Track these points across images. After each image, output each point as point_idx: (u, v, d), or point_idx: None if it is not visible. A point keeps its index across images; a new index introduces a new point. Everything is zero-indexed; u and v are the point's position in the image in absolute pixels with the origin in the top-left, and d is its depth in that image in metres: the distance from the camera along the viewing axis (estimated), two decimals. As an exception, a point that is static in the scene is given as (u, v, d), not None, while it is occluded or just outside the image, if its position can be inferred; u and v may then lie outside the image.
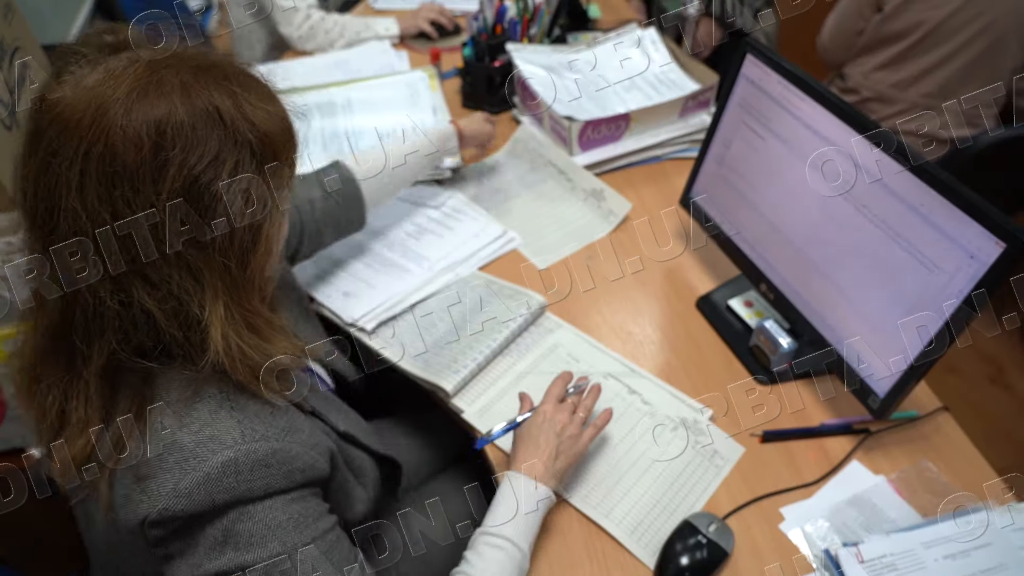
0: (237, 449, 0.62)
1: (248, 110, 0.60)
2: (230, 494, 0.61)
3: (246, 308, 0.63)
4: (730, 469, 0.96)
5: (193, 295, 0.59)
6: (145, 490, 0.61)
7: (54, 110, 0.55)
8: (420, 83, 1.64)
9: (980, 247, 0.79)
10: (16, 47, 1.22)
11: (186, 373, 0.64)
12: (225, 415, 0.63)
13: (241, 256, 0.61)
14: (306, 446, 0.68)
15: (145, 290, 0.58)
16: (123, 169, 0.54)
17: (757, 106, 1.09)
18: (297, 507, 0.66)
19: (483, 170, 1.48)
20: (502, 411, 1.03)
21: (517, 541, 0.80)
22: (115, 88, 0.55)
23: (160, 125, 0.55)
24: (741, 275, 1.18)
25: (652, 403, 1.04)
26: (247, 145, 0.59)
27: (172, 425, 0.62)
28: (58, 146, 0.55)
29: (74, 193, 0.55)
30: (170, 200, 0.56)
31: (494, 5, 1.64)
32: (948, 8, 1.75)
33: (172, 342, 0.61)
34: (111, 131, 0.54)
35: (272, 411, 0.66)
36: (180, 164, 0.56)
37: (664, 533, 0.88)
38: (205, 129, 0.57)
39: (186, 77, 0.58)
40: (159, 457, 0.61)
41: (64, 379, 0.63)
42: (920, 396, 1.05)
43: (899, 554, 0.85)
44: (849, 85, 2.00)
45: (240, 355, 0.62)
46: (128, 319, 0.59)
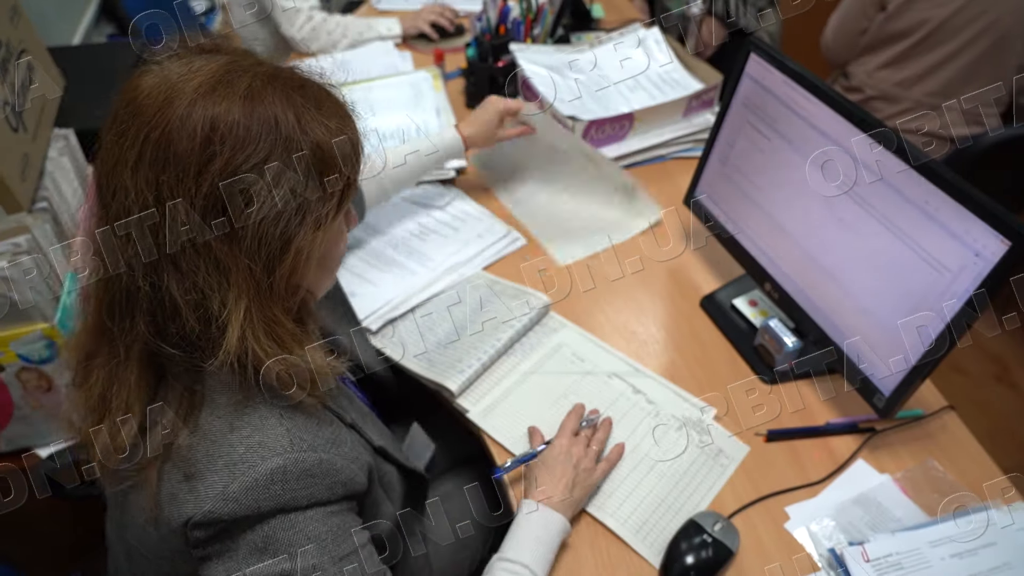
0: (286, 457, 0.62)
1: (308, 123, 0.61)
2: (275, 501, 0.62)
3: (268, 315, 0.63)
4: (735, 468, 0.96)
5: (216, 290, 0.60)
6: (192, 490, 0.62)
7: (132, 93, 0.59)
8: (424, 83, 1.65)
9: (985, 245, 0.79)
10: (22, 49, 1.23)
11: (233, 377, 0.64)
12: (275, 423, 0.64)
13: (267, 262, 0.61)
14: (348, 459, 0.68)
15: (174, 277, 0.59)
16: (173, 156, 0.57)
17: (761, 105, 1.09)
18: (336, 520, 0.66)
19: (496, 155, 1.42)
20: (507, 410, 1.03)
21: (535, 569, 0.81)
22: (188, 82, 0.58)
23: (215, 121, 0.57)
24: (746, 274, 1.18)
25: (657, 402, 1.04)
26: (298, 156, 0.60)
27: (223, 428, 0.63)
28: (127, 127, 0.58)
29: (128, 171, 0.58)
30: (208, 196, 0.58)
31: (498, 5, 1.64)
32: (951, 7, 1.75)
33: (192, 333, 0.61)
34: (172, 119, 0.57)
35: (319, 423, 0.67)
36: (227, 160, 0.57)
37: (669, 532, 0.88)
38: (258, 133, 0.59)
39: (255, 82, 0.60)
40: (208, 459, 0.62)
41: (109, 363, 0.64)
42: (925, 395, 1.04)
43: (905, 553, 0.85)
44: (853, 84, 1.99)
45: (254, 362, 0.62)
46: (157, 302, 0.60)
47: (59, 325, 1.08)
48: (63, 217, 1.21)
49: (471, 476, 1.15)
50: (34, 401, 1.15)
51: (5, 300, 1.03)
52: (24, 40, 1.24)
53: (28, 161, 1.15)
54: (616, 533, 0.89)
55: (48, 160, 1.24)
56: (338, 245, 0.73)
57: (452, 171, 1.45)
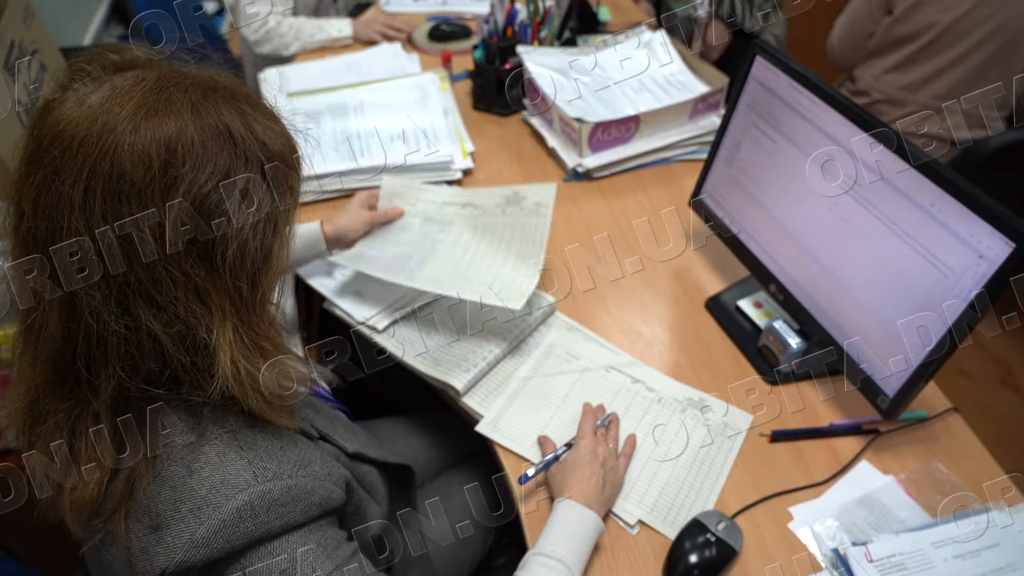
0: (251, 492, 0.60)
1: (257, 129, 0.60)
2: (248, 537, 0.60)
3: (255, 331, 0.61)
4: (733, 465, 0.97)
5: (200, 318, 0.57)
6: (160, 541, 0.59)
7: (56, 127, 0.54)
8: (431, 85, 1.66)
9: (989, 247, 0.80)
10: (35, 49, 1.24)
11: (187, 416, 0.61)
12: (234, 456, 0.61)
13: (253, 276, 0.59)
14: (319, 478, 0.66)
15: (151, 313, 0.56)
16: (131, 187, 0.53)
17: (767, 108, 1.09)
18: (316, 536, 0.65)
19: (370, 251, 1.25)
20: (513, 418, 1.04)
21: (571, 565, 0.81)
22: (122, 106, 0.54)
23: (170, 143, 0.54)
24: (750, 276, 1.19)
25: (657, 389, 1.07)
26: (257, 163, 0.59)
27: (181, 473, 0.60)
28: (61, 164, 0.54)
29: (77, 212, 0.53)
30: (177, 221, 0.54)
31: (505, 8, 1.65)
32: (959, 10, 1.75)
33: (179, 367, 0.58)
34: (118, 148, 0.53)
35: (282, 446, 0.65)
36: (191, 182, 0.55)
37: (674, 530, 0.89)
38: (215, 147, 0.56)
39: (195, 96, 0.57)
40: (172, 507, 0.59)
41: (71, 414, 0.60)
42: (930, 397, 1.05)
43: (908, 554, 0.85)
44: (859, 87, 2.00)
45: (250, 380, 0.60)
46: (135, 344, 0.57)
47: (69, 322, 1.09)
48: (73, 215, 1.22)
49: (471, 475, 1.15)
50: (44, 397, 1.17)
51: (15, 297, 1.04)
52: (36, 40, 1.26)
53: (40, 160, 1.17)
54: (644, 521, 0.91)
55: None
56: (290, 245, 0.69)
57: (458, 172, 1.46)
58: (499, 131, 1.62)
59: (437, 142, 1.50)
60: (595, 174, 1.47)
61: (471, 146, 1.53)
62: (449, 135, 1.52)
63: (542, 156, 1.55)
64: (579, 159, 1.46)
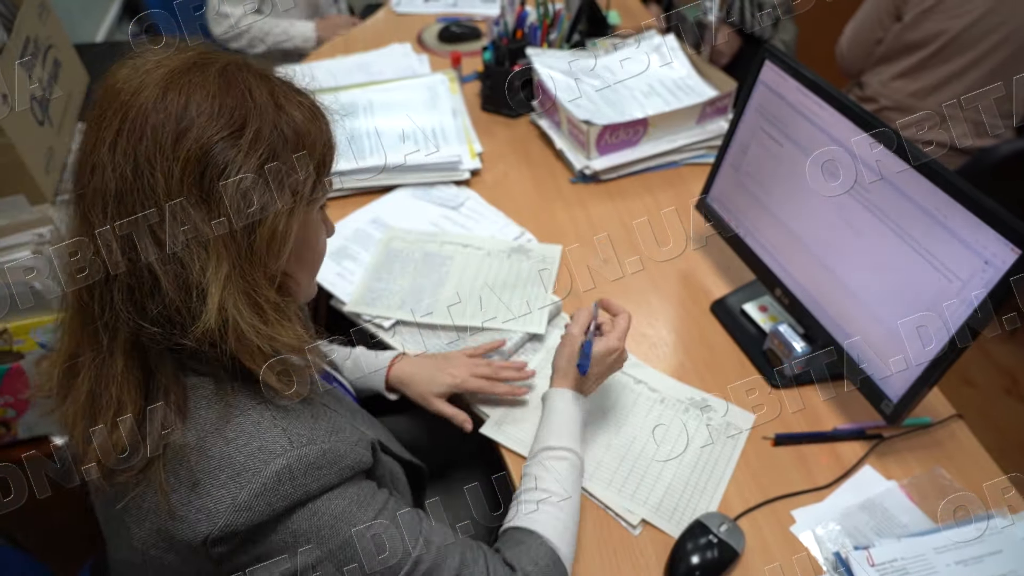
0: (289, 456, 0.63)
1: (281, 100, 0.63)
2: (288, 500, 0.63)
3: (250, 283, 0.62)
4: (736, 468, 0.97)
5: (196, 258, 0.59)
6: (202, 508, 0.61)
7: (109, 82, 0.61)
8: (441, 86, 1.67)
9: (995, 253, 0.80)
10: (49, 45, 1.26)
11: (215, 387, 0.64)
12: (268, 424, 0.64)
13: (247, 226, 0.61)
14: (351, 443, 0.70)
15: (152, 248, 0.59)
16: (150, 129, 0.58)
17: (775, 112, 1.10)
18: (352, 490, 0.68)
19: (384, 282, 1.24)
20: (516, 418, 1.04)
21: (576, 449, 0.89)
22: (162, 67, 0.61)
23: (190, 94, 0.59)
24: (756, 280, 1.19)
25: (659, 389, 1.07)
26: (272, 127, 0.62)
27: (217, 443, 0.62)
28: (104, 111, 0.60)
29: (106, 149, 0.59)
30: (186, 162, 0.58)
31: (515, 10, 1.66)
32: (969, 18, 1.75)
33: (171, 306, 0.60)
34: (147, 97, 0.59)
35: (312, 414, 0.68)
36: (202, 129, 0.59)
37: (678, 530, 0.90)
38: (232, 104, 0.60)
39: (229, 66, 0.63)
40: (211, 475, 0.62)
41: (94, 360, 0.63)
42: (934, 404, 1.05)
43: (910, 559, 0.85)
44: (867, 94, 2.00)
45: (236, 332, 0.61)
46: (136, 278, 0.60)
47: (79, 315, 1.10)
48: (85, 210, 1.24)
49: (472, 475, 1.16)
50: (53, 389, 1.18)
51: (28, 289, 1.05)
52: (51, 36, 1.27)
53: (52, 154, 1.18)
54: (648, 521, 0.91)
55: (71, 154, 1.26)
56: (316, 241, 0.72)
57: (466, 172, 1.46)
58: (507, 132, 1.63)
59: (446, 142, 1.51)
60: (602, 176, 1.48)
61: (479, 147, 1.53)
62: (458, 136, 1.53)
63: (550, 158, 1.55)
64: (587, 161, 1.47)
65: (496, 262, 1.26)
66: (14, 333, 1.08)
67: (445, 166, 1.45)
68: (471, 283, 1.22)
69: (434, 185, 1.46)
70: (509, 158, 1.55)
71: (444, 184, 1.46)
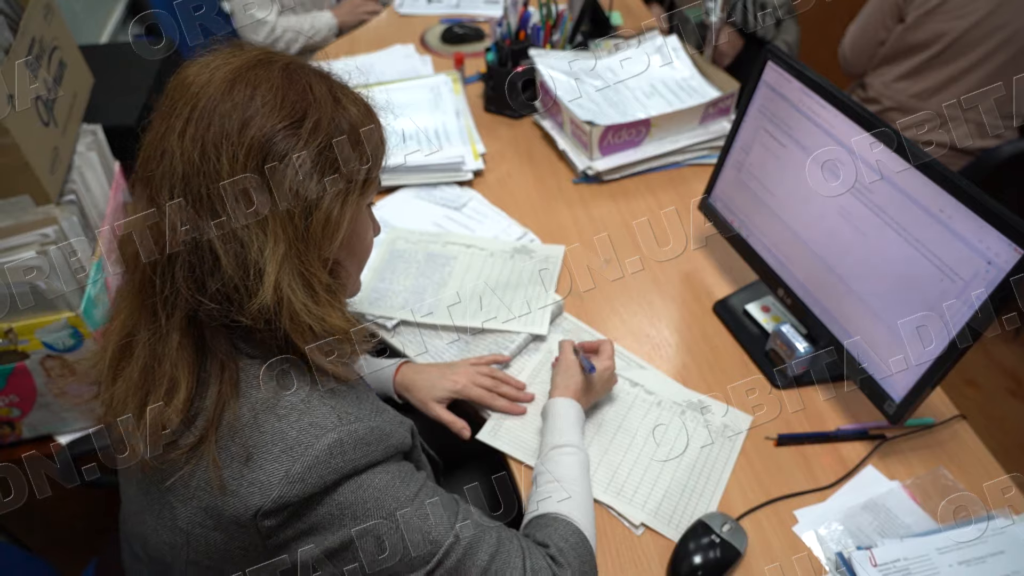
0: (339, 431, 0.66)
1: (340, 97, 0.68)
2: (338, 473, 0.65)
3: (304, 263, 0.65)
4: (739, 468, 0.97)
5: (255, 239, 0.63)
6: (255, 482, 0.63)
7: (180, 76, 0.66)
8: (444, 87, 1.67)
9: (998, 253, 0.80)
10: (55, 46, 1.26)
11: (267, 369, 0.66)
12: (317, 403, 0.67)
13: (304, 209, 0.65)
14: (394, 423, 0.73)
15: (214, 228, 0.62)
16: (217, 117, 0.62)
17: (777, 113, 1.10)
18: (395, 467, 0.71)
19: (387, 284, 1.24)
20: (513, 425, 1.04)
21: (580, 446, 0.92)
22: (229, 64, 0.65)
23: (256, 87, 0.64)
24: (759, 280, 1.19)
25: (655, 392, 1.07)
26: (330, 120, 0.66)
27: (269, 419, 0.65)
28: (175, 101, 0.64)
29: (176, 136, 0.62)
30: (250, 148, 0.62)
31: (518, 11, 1.66)
32: (971, 19, 1.75)
33: (229, 284, 0.63)
34: (216, 89, 0.63)
35: (358, 398, 0.71)
36: (265, 118, 0.63)
37: (696, 514, 0.91)
38: (294, 97, 0.64)
39: (292, 64, 0.67)
40: (263, 449, 0.64)
41: (151, 338, 0.66)
42: (937, 404, 1.05)
43: (913, 559, 0.85)
44: (870, 95, 2.00)
45: (290, 310, 0.64)
46: (197, 256, 0.63)
47: (84, 314, 1.10)
48: (89, 210, 1.24)
49: (472, 475, 1.16)
50: (57, 389, 1.18)
51: (32, 289, 1.05)
52: (57, 37, 1.27)
53: (57, 154, 1.18)
54: (648, 525, 0.91)
55: (76, 154, 1.27)
56: (365, 233, 0.76)
57: (469, 173, 1.47)
58: (510, 133, 1.63)
59: (449, 143, 1.51)
60: (605, 177, 1.48)
61: (482, 147, 1.54)
62: (461, 136, 1.54)
63: (552, 158, 1.56)
64: (589, 162, 1.47)
65: (499, 262, 1.27)
66: (19, 333, 1.09)
67: (448, 167, 1.46)
68: (474, 283, 1.22)
69: (437, 185, 1.46)
70: (512, 159, 1.55)
71: (447, 184, 1.46)
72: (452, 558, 0.70)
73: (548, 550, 0.78)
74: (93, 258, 1.17)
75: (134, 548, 0.79)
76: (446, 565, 0.70)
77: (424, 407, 1.04)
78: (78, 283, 1.11)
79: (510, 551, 0.74)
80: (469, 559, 0.71)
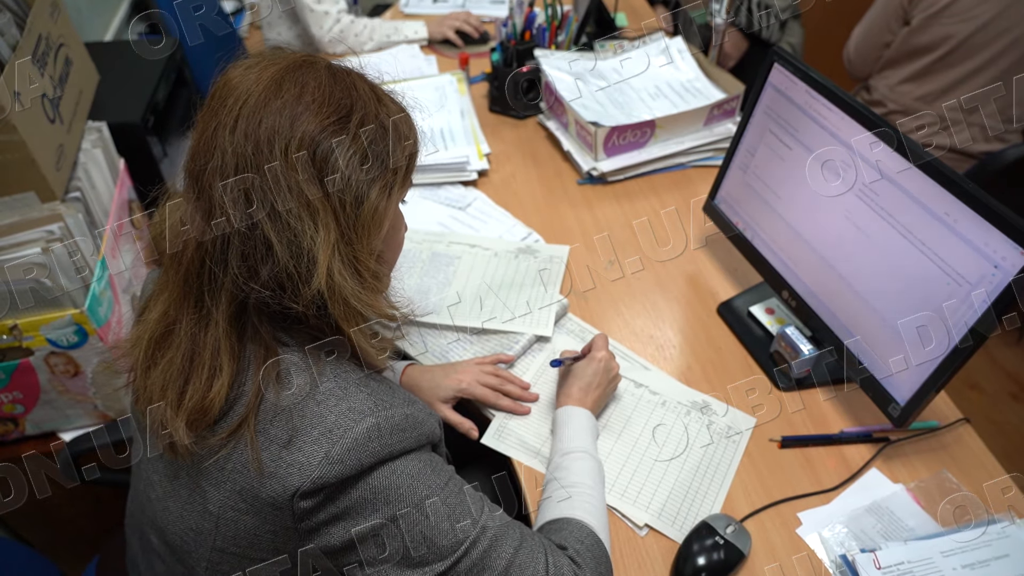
0: (377, 415, 0.67)
1: (381, 96, 0.72)
2: (375, 456, 0.67)
3: (355, 249, 0.68)
4: (743, 469, 0.97)
5: (307, 228, 0.65)
6: (294, 463, 0.65)
7: (225, 78, 0.68)
8: (449, 87, 1.67)
9: (1005, 257, 0.80)
10: (60, 43, 1.26)
11: (302, 357, 0.69)
12: (354, 389, 0.69)
13: (355, 200, 0.67)
14: (426, 413, 0.75)
15: (269, 217, 0.64)
16: (268, 114, 0.65)
17: (783, 115, 1.10)
18: (426, 456, 0.73)
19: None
20: (516, 427, 1.04)
21: (591, 451, 0.93)
22: (275, 65, 0.68)
23: (304, 85, 0.66)
24: (763, 282, 1.19)
25: (660, 392, 1.07)
26: (374, 116, 0.68)
27: (308, 403, 0.67)
28: (223, 101, 0.66)
29: (227, 133, 0.65)
30: (301, 141, 0.64)
31: (523, 12, 1.66)
32: (976, 23, 1.75)
33: (283, 272, 0.65)
34: (265, 86, 0.66)
35: (391, 387, 0.73)
36: (314, 114, 0.65)
37: (700, 515, 0.91)
38: (340, 95, 0.67)
39: (334, 65, 0.71)
40: (303, 432, 0.66)
41: (196, 326, 0.68)
42: (941, 408, 1.05)
43: (917, 562, 0.85)
44: (875, 98, 2.00)
45: (341, 296, 0.66)
46: (251, 244, 0.65)
47: (88, 312, 1.10)
48: (94, 207, 1.24)
49: (472, 475, 1.16)
50: (60, 386, 1.18)
51: (37, 286, 1.06)
52: (63, 35, 1.28)
53: (63, 152, 1.18)
54: (652, 526, 0.91)
55: (81, 152, 1.27)
56: (400, 228, 0.78)
57: (474, 173, 1.47)
58: (515, 133, 1.63)
59: (454, 143, 1.51)
60: (609, 178, 1.48)
61: (487, 148, 1.54)
62: (465, 136, 1.54)
63: (557, 159, 1.56)
64: (594, 163, 1.47)
65: (503, 263, 1.27)
66: (23, 329, 1.09)
67: (453, 166, 1.46)
68: (478, 283, 1.22)
69: (442, 185, 1.46)
70: (516, 159, 1.56)
71: (452, 184, 1.47)
72: (478, 549, 0.71)
73: (567, 552, 0.78)
74: (97, 255, 1.18)
75: (148, 539, 0.80)
76: (472, 556, 0.71)
77: (430, 408, 1.03)
78: (83, 280, 1.11)
79: (533, 547, 0.75)
80: (494, 551, 0.72)
